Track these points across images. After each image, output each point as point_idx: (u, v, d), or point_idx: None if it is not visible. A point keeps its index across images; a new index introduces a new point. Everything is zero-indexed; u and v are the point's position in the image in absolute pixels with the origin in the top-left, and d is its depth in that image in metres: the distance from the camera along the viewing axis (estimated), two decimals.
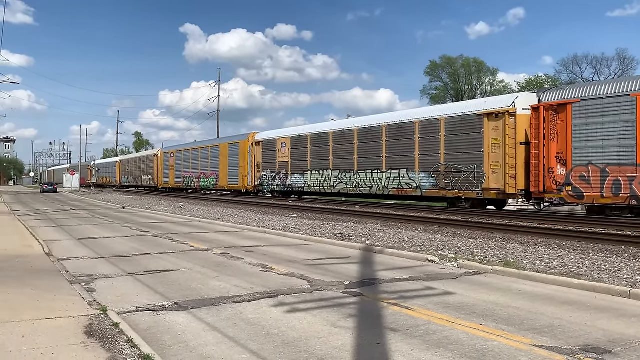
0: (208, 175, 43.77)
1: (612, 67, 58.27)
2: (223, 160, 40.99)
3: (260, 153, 35.81)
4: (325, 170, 29.21)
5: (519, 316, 6.13)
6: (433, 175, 22.57)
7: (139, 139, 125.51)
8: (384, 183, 25.08)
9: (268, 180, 34.79)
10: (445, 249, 11.17)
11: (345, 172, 27.70)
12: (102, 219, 21.39)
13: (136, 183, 64.15)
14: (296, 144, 32.07)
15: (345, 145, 27.85)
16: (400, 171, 24.23)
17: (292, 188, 32.55)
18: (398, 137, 24.48)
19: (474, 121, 20.82)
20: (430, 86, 73.97)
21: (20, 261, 9.77)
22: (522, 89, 57.83)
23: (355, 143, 27.07)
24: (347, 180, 27.53)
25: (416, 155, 23.42)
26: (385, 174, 25.01)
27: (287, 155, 32.80)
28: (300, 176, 31.51)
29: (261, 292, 7.34)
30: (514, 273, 8.66)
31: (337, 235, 13.86)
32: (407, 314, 6.18)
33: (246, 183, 37.46)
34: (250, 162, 36.96)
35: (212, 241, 13.56)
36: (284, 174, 33.06)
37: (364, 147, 26.58)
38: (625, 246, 11.15)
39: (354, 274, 8.93)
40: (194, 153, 47.34)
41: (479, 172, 20.51)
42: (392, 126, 24.93)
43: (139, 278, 8.52)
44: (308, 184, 30.71)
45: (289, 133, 33.76)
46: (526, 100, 19.64)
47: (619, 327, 5.69)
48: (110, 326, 5.38)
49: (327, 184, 29.08)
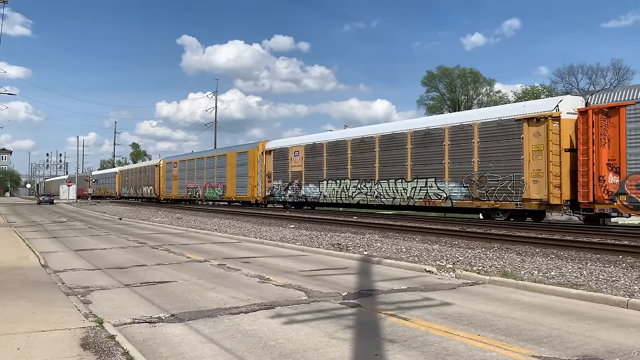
0: (214, 186, 42.29)
1: (607, 77, 58.63)
2: (230, 170, 39.46)
3: (271, 162, 34.26)
4: (343, 180, 27.67)
5: (517, 326, 6.11)
6: (465, 185, 21.07)
7: (136, 150, 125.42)
8: (409, 193, 23.62)
9: (280, 191, 33.23)
10: (443, 259, 11.16)
11: (365, 181, 26.18)
12: (99, 230, 21.31)
13: (136, 194, 62.81)
14: (311, 152, 30.55)
15: (365, 154, 26.29)
16: (428, 180, 22.73)
17: (306, 199, 30.91)
18: (425, 145, 23.00)
19: (512, 126, 19.46)
20: (427, 96, 74.27)
21: (16, 273, 9.71)
22: (518, 99, 58.04)
23: (377, 151, 25.54)
24: (367, 191, 25.99)
25: (446, 163, 21.94)
26: (411, 183, 23.52)
27: (300, 165, 31.29)
28: (315, 186, 29.99)
29: (258, 304, 7.30)
30: (511, 283, 8.64)
31: (335, 245, 13.83)
32: (405, 325, 6.15)
33: (256, 194, 36.01)
34: (260, 172, 35.47)
35: (209, 252, 13.51)
36: (297, 184, 31.57)
37: (386, 155, 25.06)
38: (622, 256, 11.15)
39: (352, 284, 8.90)
40: (198, 163, 45.76)
41: (518, 181, 19.10)
42: (418, 133, 23.45)
43: (135, 290, 8.47)
44: (324, 194, 29.19)
45: (302, 141, 32.20)
46: (571, 104, 18.33)
47: (618, 337, 5.68)
48: (106, 338, 5.34)
49: (344, 194, 27.56)
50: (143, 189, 59.46)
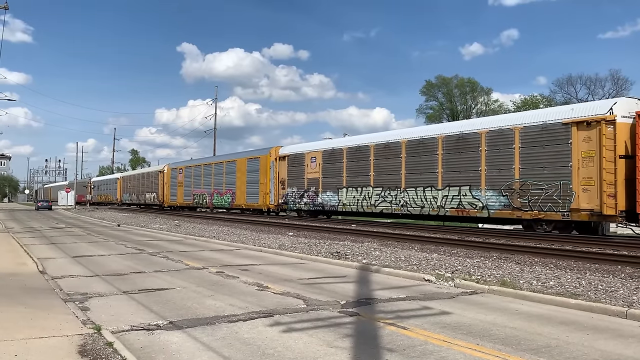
0: (222, 193, 40.58)
1: (605, 87, 58.90)
2: (240, 177, 37.77)
3: (285, 168, 32.63)
4: (365, 188, 26.09)
5: (516, 336, 6.09)
6: (505, 194, 19.61)
7: (135, 157, 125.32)
8: (440, 202, 22.02)
9: (294, 199, 31.61)
10: (441, 268, 11.14)
11: (389, 189, 24.63)
12: (97, 237, 21.27)
13: (139, 201, 60.90)
14: (329, 158, 28.97)
15: (390, 160, 24.77)
16: (462, 189, 21.19)
17: (323, 207, 29.30)
18: (458, 150, 21.53)
19: (559, 131, 18.11)
20: (426, 105, 74.58)
21: (14, 279, 9.68)
22: (518, 108, 58.29)
23: (403, 157, 24.04)
24: (392, 199, 24.45)
25: (482, 170, 20.48)
26: (442, 191, 21.96)
27: (317, 171, 29.68)
28: (333, 194, 28.42)
29: (257, 312, 7.28)
30: (510, 293, 8.63)
31: (334, 253, 13.81)
32: (404, 334, 6.13)
33: (268, 201, 34.31)
34: (272, 179, 33.89)
35: (208, 259, 13.48)
36: (313, 192, 29.92)
37: (414, 161, 23.57)
38: (621, 266, 11.15)
39: (351, 293, 8.89)
40: (206, 169, 43.99)
41: (566, 190, 17.71)
42: (450, 138, 21.97)
43: (133, 297, 8.45)
44: (343, 202, 27.56)
45: (320, 146, 30.60)
46: (626, 107, 17.14)
47: (617, 347, 5.67)
48: (104, 345, 5.32)
49: (366, 202, 25.98)
50: (146, 196, 57.88)
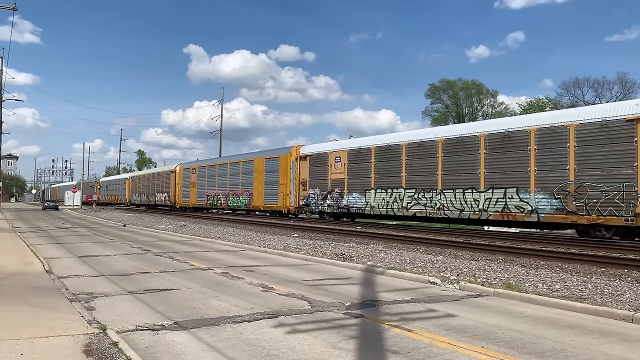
0: (238, 194, 39.08)
1: (613, 90, 58.61)
2: (258, 177, 36.38)
3: (306, 169, 31.29)
4: (396, 189, 24.67)
5: (521, 340, 6.07)
6: (557, 196, 18.22)
7: (142, 157, 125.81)
8: (482, 205, 20.61)
9: (316, 200, 30.30)
10: (447, 270, 11.11)
11: (424, 191, 23.21)
12: (103, 237, 21.36)
13: (149, 201, 59.28)
14: (355, 158, 27.63)
15: (425, 159, 23.38)
16: (507, 191, 19.84)
17: (349, 209, 27.93)
18: (503, 149, 20.21)
19: (621, 128, 16.80)
20: (432, 108, 74.51)
21: (20, 278, 9.74)
22: (524, 111, 58.09)
23: (440, 156, 22.61)
24: (426, 201, 23.03)
25: (531, 170, 19.09)
26: (485, 194, 20.57)
27: (342, 172, 28.32)
28: (360, 195, 27.02)
29: (261, 313, 7.29)
30: (516, 296, 8.60)
31: (339, 255, 13.81)
32: (409, 336, 6.12)
33: (288, 203, 32.86)
34: (293, 179, 32.46)
35: (213, 260, 13.51)
36: (337, 193, 28.59)
37: (452, 161, 22.16)
38: (628, 269, 11.08)
39: (355, 295, 8.88)
40: (220, 169, 42.46)
41: (630, 192, 16.35)
42: (494, 136, 20.62)
43: (139, 297, 8.47)
44: (371, 204, 26.17)
45: (345, 146, 29.32)
46: None
47: (623, 351, 5.63)
48: (109, 345, 5.34)
49: (397, 205, 24.59)
50: (156, 196, 56.32)
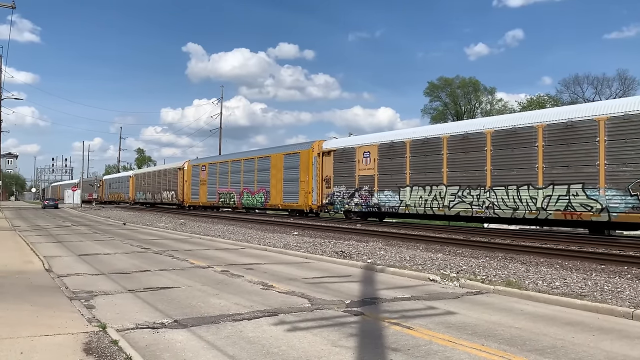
0: (254, 192, 37.01)
1: (612, 87, 58.54)
2: (276, 174, 34.37)
3: (330, 165, 29.44)
4: (436, 186, 22.77)
5: (521, 337, 6.07)
6: (633, 194, 16.42)
7: (141, 155, 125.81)
8: (540, 203, 18.78)
9: (342, 199, 28.44)
10: (446, 268, 11.12)
11: (469, 188, 21.32)
12: (103, 235, 21.36)
13: (154, 200, 57.34)
14: (387, 152, 25.61)
15: (470, 153, 21.45)
16: (571, 187, 17.98)
17: (379, 208, 25.95)
18: (566, 141, 18.32)
19: None
20: (431, 106, 74.49)
21: (20, 277, 9.74)
22: (523, 108, 58.05)
23: (488, 150, 20.72)
24: (472, 199, 21.16)
25: (600, 165, 17.32)
26: (543, 191, 18.74)
27: (372, 167, 26.32)
28: (393, 193, 25.02)
29: (261, 310, 7.29)
30: (516, 293, 8.60)
31: (338, 253, 13.81)
32: (409, 334, 6.12)
33: (310, 201, 31.02)
34: (315, 176, 30.66)
35: (213, 258, 13.51)
36: (366, 191, 26.69)
37: (503, 155, 20.27)
38: (628, 267, 11.08)
39: (355, 292, 8.88)
40: (233, 166, 40.29)
41: None
42: (554, 127, 18.75)
43: (138, 295, 8.48)
44: (406, 203, 24.20)
45: (375, 139, 27.20)
46: None
47: (623, 348, 5.64)
48: (109, 343, 5.34)
49: (437, 203, 22.66)
50: (163, 194, 54.49)
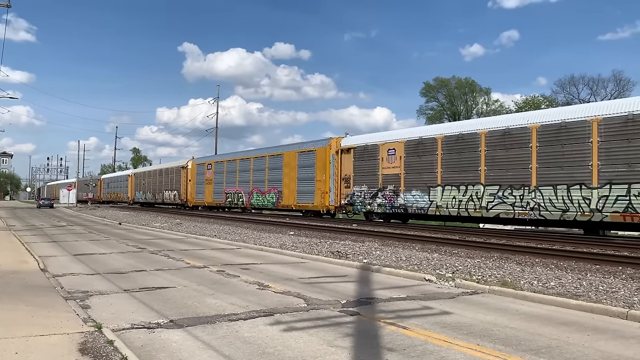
0: (264, 192, 35.53)
1: (608, 88, 58.77)
2: (289, 173, 32.88)
3: (349, 163, 28.07)
4: (473, 186, 21.26)
5: (516, 337, 6.09)
6: None
7: (137, 155, 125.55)
8: (595, 204, 17.36)
9: (363, 199, 27.03)
10: (442, 268, 11.14)
11: (511, 188, 19.87)
12: (99, 235, 21.30)
13: (155, 200, 55.70)
14: (415, 150, 24.12)
15: (512, 150, 19.99)
16: (632, 187, 16.44)
17: (406, 209, 24.42)
18: (626, 137, 16.68)
19: None
20: (427, 106, 74.61)
21: (15, 277, 9.70)
22: (519, 108, 58.22)
23: (533, 146, 19.24)
24: (514, 200, 19.71)
25: None
26: (598, 191, 17.33)
27: (398, 166, 24.87)
28: (422, 193, 23.55)
29: (257, 311, 7.29)
30: (511, 293, 8.63)
31: (334, 253, 13.82)
32: (404, 334, 6.14)
33: (327, 202, 29.69)
34: (333, 175, 29.25)
35: (209, 258, 13.49)
36: (391, 191, 25.21)
37: (551, 151, 18.72)
38: (622, 267, 11.13)
39: (351, 292, 8.89)
40: (242, 164, 38.63)
41: None
42: (611, 120, 17.05)
43: (134, 295, 8.46)
44: (437, 204, 22.75)
45: (401, 136, 25.66)
46: None
47: (617, 348, 5.66)
48: (104, 343, 5.33)
49: (474, 204, 21.15)
50: (164, 194, 52.89)
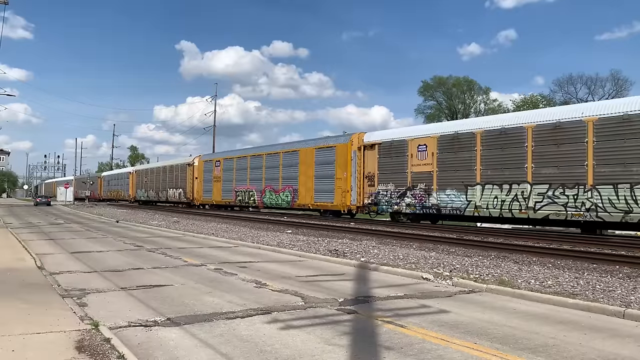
0: (278, 190, 33.98)
1: (605, 87, 58.86)
2: (306, 171, 31.33)
3: (373, 160, 26.59)
4: (517, 185, 19.75)
5: (513, 335, 6.10)
6: None
7: (135, 153, 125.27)
8: None
9: (389, 198, 25.51)
10: (440, 266, 11.15)
11: (563, 187, 18.40)
12: (96, 233, 21.26)
13: (159, 198, 54.13)
14: (450, 145, 22.63)
15: (563, 146, 18.47)
16: None
17: (439, 209, 22.97)
18: None
19: None
20: (425, 105, 74.56)
21: (12, 274, 9.68)
22: (517, 108, 58.29)
23: (590, 142, 17.71)
24: (567, 200, 18.22)
25: None
26: None
27: (430, 163, 23.36)
28: (457, 193, 22.08)
29: (255, 309, 7.28)
30: (508, 292, 8.64)
31: (332, 251, 13.82)
32: (402, 332, 6.14)
33: (348, 201, 28.18)
34: (355, 173, 27.88)
35: (206, 256, 13.48)
36: (422, 190, 23.72)
37: (610, 147, 17.24)
38: (619, 266, 11.16)
39: (349, 291, 8.89)
40: (254, 161, 37.18)
41: None
42: None
43: (131, 293, 8.45)
44: (475, 204, 21.21)
45: (433, 130, 24.28)
46: None
47: (614, 347, 5.67)
48: (101, 341, 5.32)
49: (519, 205, 19.67)
50: (168, 192, 51.42)
